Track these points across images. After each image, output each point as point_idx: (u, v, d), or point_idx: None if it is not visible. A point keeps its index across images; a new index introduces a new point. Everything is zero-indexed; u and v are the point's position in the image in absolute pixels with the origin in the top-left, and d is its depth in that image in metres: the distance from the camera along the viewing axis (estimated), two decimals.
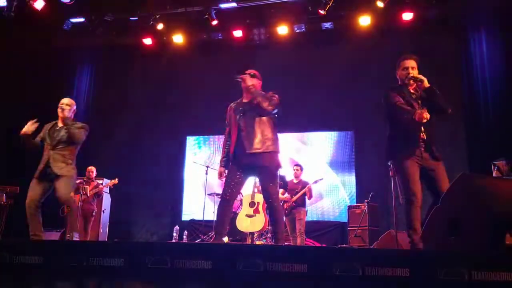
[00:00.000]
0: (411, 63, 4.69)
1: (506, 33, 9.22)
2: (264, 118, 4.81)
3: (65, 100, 5.79)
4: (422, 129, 4.52)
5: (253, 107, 4.81)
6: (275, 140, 4.81)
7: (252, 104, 4.82)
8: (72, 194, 5.73)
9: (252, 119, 4.79)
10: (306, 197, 8.46)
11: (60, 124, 5.71)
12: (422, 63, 4.86)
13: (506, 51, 9.21)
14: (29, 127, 5.57)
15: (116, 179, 8.97)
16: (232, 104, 5.11)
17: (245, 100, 4.99)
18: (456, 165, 8.37)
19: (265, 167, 4.73)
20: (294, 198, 8.33)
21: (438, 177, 4.48)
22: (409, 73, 4.62)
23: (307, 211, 8.60)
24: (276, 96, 4.86)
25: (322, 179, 8.87)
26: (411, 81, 4.61)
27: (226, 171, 4.95)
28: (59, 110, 5.70)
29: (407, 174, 4.49)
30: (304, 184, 8.48)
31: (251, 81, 4.88)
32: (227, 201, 4.81)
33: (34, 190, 5.52)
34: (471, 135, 9.39)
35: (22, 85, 10.44)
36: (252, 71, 5.02)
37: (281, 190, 8.45)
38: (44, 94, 10.39)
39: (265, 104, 4.72)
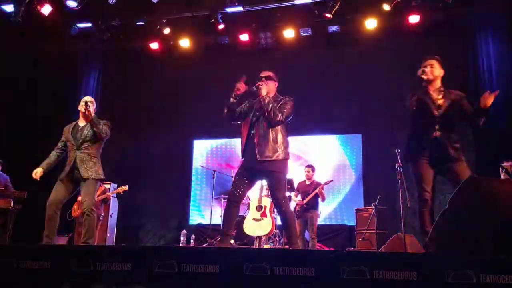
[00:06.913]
0: (429, 62, 4.81)
1: None
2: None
3: (88, 98, 5.61)
4: (437, 127, 4.59)
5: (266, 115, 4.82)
6: (285, 147, 4.83)
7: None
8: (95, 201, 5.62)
9: (265, 126, 4.81)
10: (319, 199, 8.45)
11: (81, 123, 5.59)
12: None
13: None
14: (37, 175, 5.51)
15: (126, 186, 8.93)
16: (249, 101, 5.15)
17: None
18: None
19: (273, 172, 4.75)
20: (306, 200, 8.33)
21: (456, 176, 4.44)
22: (422, 71, 4.77)
23: (319, 213, 8.59)
24: (290, 103, 4.88)
25: (332, 180, 8.90)
26: (424, 78, 4.74)
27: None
28: (82, 108, 5.50)
29: (417, 175, 4.64)
30: (317, 185, 8.47)
31: (266, 89, 4.87)
32: (234, 202, 4.83)
33: (58, 192, 5.37)
34: (478, 137, 9.32)
35: (29, 90, 10.50)
36: (267, 73, 5.05)
37: (293, 193, 8.47)
38: (51, 99, 10.48)
39: (276, 118, 4.75)
